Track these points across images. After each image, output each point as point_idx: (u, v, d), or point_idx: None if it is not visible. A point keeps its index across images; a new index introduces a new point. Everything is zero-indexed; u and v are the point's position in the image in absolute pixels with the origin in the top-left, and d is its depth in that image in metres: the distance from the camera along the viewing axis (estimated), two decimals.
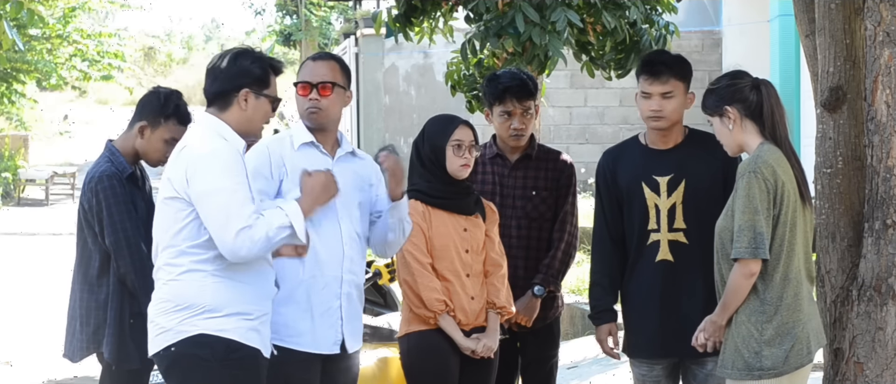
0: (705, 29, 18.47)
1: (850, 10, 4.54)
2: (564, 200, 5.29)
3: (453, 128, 4.80)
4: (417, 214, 4.75)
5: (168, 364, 4.07)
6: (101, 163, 4.79)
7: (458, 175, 4.80)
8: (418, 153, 4.86)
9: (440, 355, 4.76)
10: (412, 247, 4.73)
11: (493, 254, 4.92)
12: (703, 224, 4.55)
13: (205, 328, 3.99)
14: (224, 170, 3.98)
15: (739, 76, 4.28)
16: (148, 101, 4.86)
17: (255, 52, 4.21)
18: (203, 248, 4.01)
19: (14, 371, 9.02)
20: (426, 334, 4.76)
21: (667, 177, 4.72)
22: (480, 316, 4.85)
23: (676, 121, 4.76)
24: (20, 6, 7.89)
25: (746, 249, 4.05)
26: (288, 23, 29.72)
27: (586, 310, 9.95)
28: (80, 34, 24.55)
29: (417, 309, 4.74)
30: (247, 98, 4.12)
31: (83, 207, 4.76)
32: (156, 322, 4.08)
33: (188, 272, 4.02)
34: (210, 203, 3.95)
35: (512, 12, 7.27)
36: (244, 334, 4.03)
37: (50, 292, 13.19)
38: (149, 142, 4.81)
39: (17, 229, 21.00)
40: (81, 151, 35.79)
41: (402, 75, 19.63)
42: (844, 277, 4.54)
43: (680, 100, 4.73)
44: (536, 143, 5.35)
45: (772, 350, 4.09)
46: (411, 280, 4.73)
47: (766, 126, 4.18)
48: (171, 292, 4.04)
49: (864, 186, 4.51)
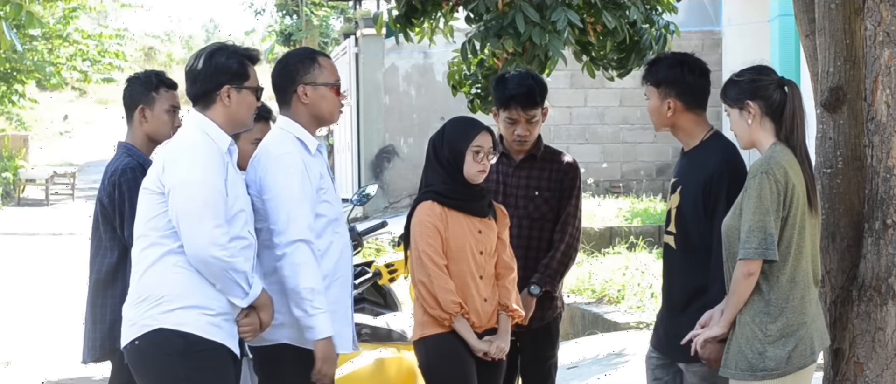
0: (705, 29, 18.47)
1: (850, 10, 4.54)
2: (568, 202, 5.28)
3: (475, 133, 4.79)
4: (434, 216, 4.74)
5: (133, 358, 4.08)
6: (119, 158, 4.75)
7: (475, 180, 4.81)
8: (436, 153, 4.84)
9: (460, 358, 4.75)
10: (429, 247, 4.72)
11: (505, 256, 4.92)
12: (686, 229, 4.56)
13: (164, 322, 3.98)
14: (201, 163, 4.00)
15: (765, 72, 4.24)
16: (132, 89, 4.86)
17: (230, 47, 4.22)
18: (170, 239, 4.01)
19: (14, 371, 9.01)
20: (444, 337, 4.75)
21: (673, 179, 4.72)
22: (492, 318, 4.85)
23: (666, 124, 4.67)
24: (19, 8, 7.90)
25: (756, 250, 4.03)
26: (288, 23, 29.70)
27: (587, 311, 9.95)
28: (81, 34, 24.55)
29: (433, 310, 4.73)
30: (229, 94, 4.14)
31: (102, 203, 4.70)
32: (125, 315, 4.11)
33: (154, 263, 4.03)
34: (182, 194, 3.97)
35: (512, 12, 7.27)
36: (204, 328, 4.00)
37: (50, 292, 13.19)
38: (153, 119, 4.79)
39: (17, 229, 21.00)
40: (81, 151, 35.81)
41: (402, 75, 19.64)
42: (844, 277, 4.53)
43: (651, 103, 4.63)
44: (542, 144, 5.34)
45: (775, 350, 4.07)
46: (427, 281, 4.72)
47: (785, 128, 4.15)
48: (137, 285, 4.07)
49: (864, 186, 4.50)
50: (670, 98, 4.53)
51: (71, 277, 13.72)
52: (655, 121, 4.62)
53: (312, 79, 4.38)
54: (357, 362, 5.34)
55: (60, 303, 12.22)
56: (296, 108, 4.40)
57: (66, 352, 9.29)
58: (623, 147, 18.77)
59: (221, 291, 4.03)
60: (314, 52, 4.53)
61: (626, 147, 18.75)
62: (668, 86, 4.54)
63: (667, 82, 4.54)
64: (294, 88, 4.38)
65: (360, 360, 5.35)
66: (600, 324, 9.44)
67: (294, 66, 4.41)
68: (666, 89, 4.54)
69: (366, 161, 19.68)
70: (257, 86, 4.21)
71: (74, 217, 22.99)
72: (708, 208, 4.43)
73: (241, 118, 4.20)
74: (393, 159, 19.57)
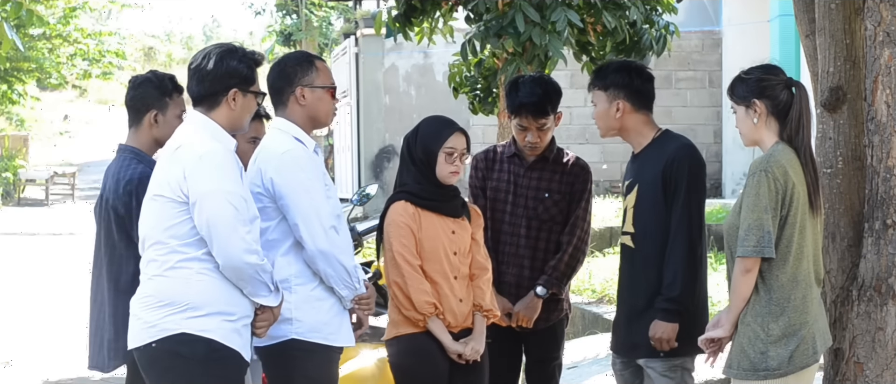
0: (705, 29, 18.46)
1: (850, 10, 4.54)
2: (577, 205, 5.28)
3: (448, 134, 4.78)
4: (407, 216, 4.74)
5: (147, 359, 4.07)
6: (128, 165, 4.65)
7: (447, 181, 4.79)
8: (410, 152, 4.84)
9: (430, 359, 4.74)
10: (402, 248, 4.71)
11: (479, 257, 4.91)
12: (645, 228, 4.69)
13: (187, 327, 3.99)
14: (226, 172, 4.01)
15: (773, 71, 4.24)
16: (144, 91, 4.73)
17: (239, 49, 4.22)
18: (193, 247, 4.02)
19: (14, 371, 9.01)
20: (416, 337, 4.74)
21: (626, 181, 4.83)
22: (468, 318, 4.84)
23: (614, 126, 4.82)
24: (19, 6, 7.90)
25: (754, 249, 4.04)
26: (288, 23, 29.71)
27: (587, 311, 9.95)
28: (81, 33, 24.56)
29: (407, 311, 4.72)
30: (235, 97, 4.15)
31: (116, 213, 4.58)
32: (138, 316, 4.09)
33: (174, 268, 4.03)
34: (212, 204, 3.96)
35: (512, 12, 7.28)
36: (226, 335, 4.03)
37: (50, 292, 13.19)
38: (164, 125, 4.70)
39: (17, 229, 21.00)
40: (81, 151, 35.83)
41: (402, 75, 19.64)
42: (844, 277, 4.54)
43: (599, 108, 4.83)
44: (555, 146, 5.34)
45: (777, 350, 4.07)
46: (401, 282, 4.71)
47: (790, 128, 4.15)
48: (155, 287, 4.05)
49: (864, 186, 4.50)
50: (619, 99, 4.77)
51: (71, 277, 13.73)
52: (603, 125, 4.85)
53: (310, 81, 4.44)
54: (358, 362, 5.34)
55: (60, 303, 12.22)
56: (292, 110, 4.44)
57: (67, 352, 9.30)
58: (623, 147, 18.56)
59: (250, 294, 4.06)
60: (311, 55, 4.59)
61: (625, 147, 18.46)
62: (617, 88, 4.78)
63: (615, 85, 4.79)
64: (292, 90, 4.43)
65: (361, 360, 5.35)
66: (600, 324, 9.43)
67: (292, 68, 4.46)
68: (614, 91, 4.78)
69: (366, 161, 19.69)
70: (261, 91, 4.24)
71: (74, 217, 23.01)
72: (668, 195, 4.60)
73: (243, 121, 4.22)
74: (393, 159, 19.55)
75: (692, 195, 4.62)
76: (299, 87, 4.42)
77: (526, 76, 5.41)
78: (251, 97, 4.19)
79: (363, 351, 5.35)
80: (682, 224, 4.59)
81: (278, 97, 4.48)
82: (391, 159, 19.62)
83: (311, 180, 4.34)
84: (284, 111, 4.46)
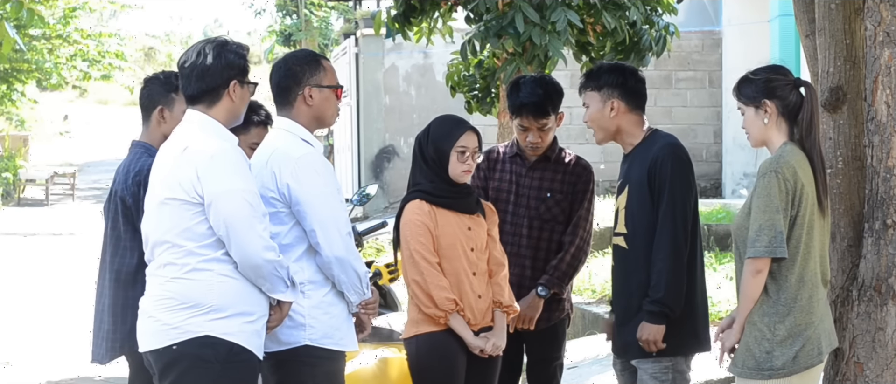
0: (705, 29, 18.44)
1: (850, 10, 4.54)
2: (580, 205, 5.28)
3: (459, 133, 4.79)
4: (423, 214, 4.75)
5: (166, 361, 4.06)
6: (138, 158, 4.70)
7: (459, 179, 4.80)
8: (422, 152, 4.84)
9: (450, 356, 4.75)
10: (420, 246, 4.72)
11: (496, 253, 4.92)
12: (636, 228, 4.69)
13: (211, 330, 4.00)
14: (239, 171, 4.03)
15: (781, 72, 4.25)
16: (151, 89, 4.81)
17: (230, 42, 4.22)
18: (211, 248, 4.02)
19: (14, 371, 9.01)
20: (436, 336, 4.75)
21: (618, 182, 4.84)
22: (487, 314, 4.85)
23: (608, 128, 4.82)
24: (20, 6, 7.90)
25: (765, 249, 4.04)
26: (288, 23, 29.69)
27: (587, 311, 9.95)
28: (81, 34, 24.55)
29: (428, 309, 4.73)
30: (235, 89, 4.15)
31: (124, 202, 4.62)
32: (157, 318, 4.06)
33: (194, 270, 4.02)
34: (228, 203, 3.97)
35: (512, 12, 7.28)
36: (247, 338, 4.05)
37: (50, 292, 13.19)
38: (172, 120, 4.72)
39: (17, 229, 21.00)
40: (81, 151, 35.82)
41: (402, 75, 19.62)
42: (844, 277, 4.54)
43: (592, 109, 4.84)
44: (557, 146, 5.34)
45: (783, 350, 4.07)
46: (421, 280, 4.71)
47: (801, 129, 4.15)
48: (176, 290, 4.04)
49: (864, 186, 4.51)
50: (613, 99, 4.77)
51: (71, 277, 13.74)
52: (597, 126, 4.85)
53: (318, 81, 4.37)
54: (358, 362, 5.34)
55: (60, 303, 12.22)
56: (298, 110, 4.37)
57: (67, 352, 9.30)
58: None
59: (268, 291, 4.07)
60: (317, 54, 4.53)
61: None
62: (611, 88, 4.78)
63: (609, 85, 4.79)
64: (300, 90, 4.36)
65: (362, 360, 5.35)
66: (600, 324, 9.42)
67: (300, 67, 4.38)
68: (609, 91, 4.78)
69: (366, 161, 19.67)
70: (254, 81, 4.23)
71: (74, 217, 23.00)
72: (654, 194, 4.59)
73: (239, 113, 4.21)
74: (393, 159, 19.55)
75: (676, 194, 4.59)
76: (308, 87, 4.35)
77: (527, 76, 5.40)
78: (248, 88, 4.19)
79: (363, 351, 5.34)
80: (666, 224, 4.57)
81: (285, 97, 4.39)
82: (391, 159, 19.61)
83: (328, 185, 4.30)
84: (289, 111, 4.38)
